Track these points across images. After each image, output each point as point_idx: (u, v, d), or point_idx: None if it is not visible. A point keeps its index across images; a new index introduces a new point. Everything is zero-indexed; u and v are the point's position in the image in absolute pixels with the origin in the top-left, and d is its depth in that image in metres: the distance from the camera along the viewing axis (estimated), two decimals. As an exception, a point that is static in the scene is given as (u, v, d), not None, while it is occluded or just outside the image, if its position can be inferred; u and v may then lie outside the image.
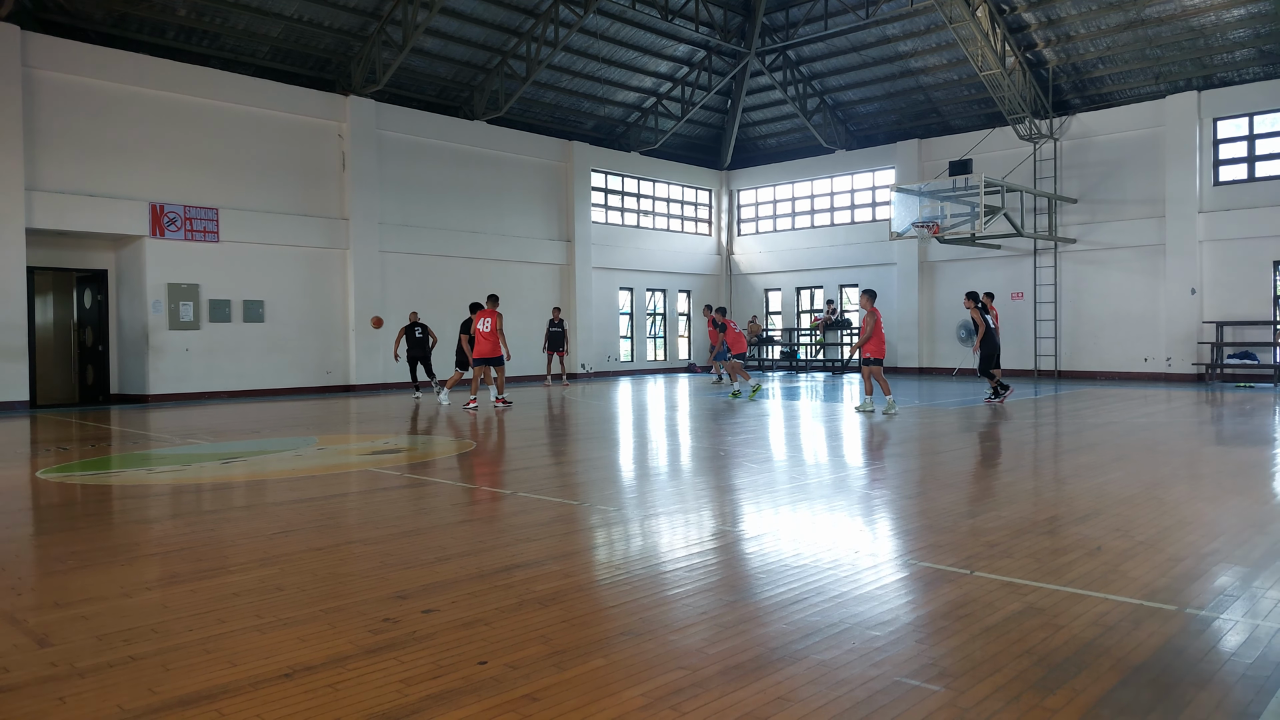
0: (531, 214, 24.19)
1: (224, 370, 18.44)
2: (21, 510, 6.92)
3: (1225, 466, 8.35)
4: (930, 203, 20.43)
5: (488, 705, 3.00)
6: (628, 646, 3.58)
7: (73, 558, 5.14)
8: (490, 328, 14.99)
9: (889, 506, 6.51)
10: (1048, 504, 6.52)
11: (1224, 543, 5.16)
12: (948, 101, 24.46)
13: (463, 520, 6.22)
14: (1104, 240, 21.88)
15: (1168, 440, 10.12)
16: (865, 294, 13.83)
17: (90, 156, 16.64)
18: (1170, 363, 20.81)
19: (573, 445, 10.71)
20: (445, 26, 20.29)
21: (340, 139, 20.07)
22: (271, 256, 19.07)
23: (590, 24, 21.94)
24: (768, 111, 28.04)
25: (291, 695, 3.11)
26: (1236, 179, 20.31)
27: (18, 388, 15.86)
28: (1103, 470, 7.92)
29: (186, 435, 11.71)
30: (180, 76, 17.62)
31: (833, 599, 4.15)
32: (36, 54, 15.87)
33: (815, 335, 27.38)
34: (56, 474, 8.45)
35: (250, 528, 5.98)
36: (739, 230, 30.13)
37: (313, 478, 8.09)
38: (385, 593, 4.34)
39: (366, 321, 20.18)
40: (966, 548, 5.09)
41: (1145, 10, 19.48)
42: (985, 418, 12.90)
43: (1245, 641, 3.56)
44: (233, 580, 4.61)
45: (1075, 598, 4.11)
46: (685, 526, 5.87)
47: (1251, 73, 20.01)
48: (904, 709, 2.94)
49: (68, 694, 3.15)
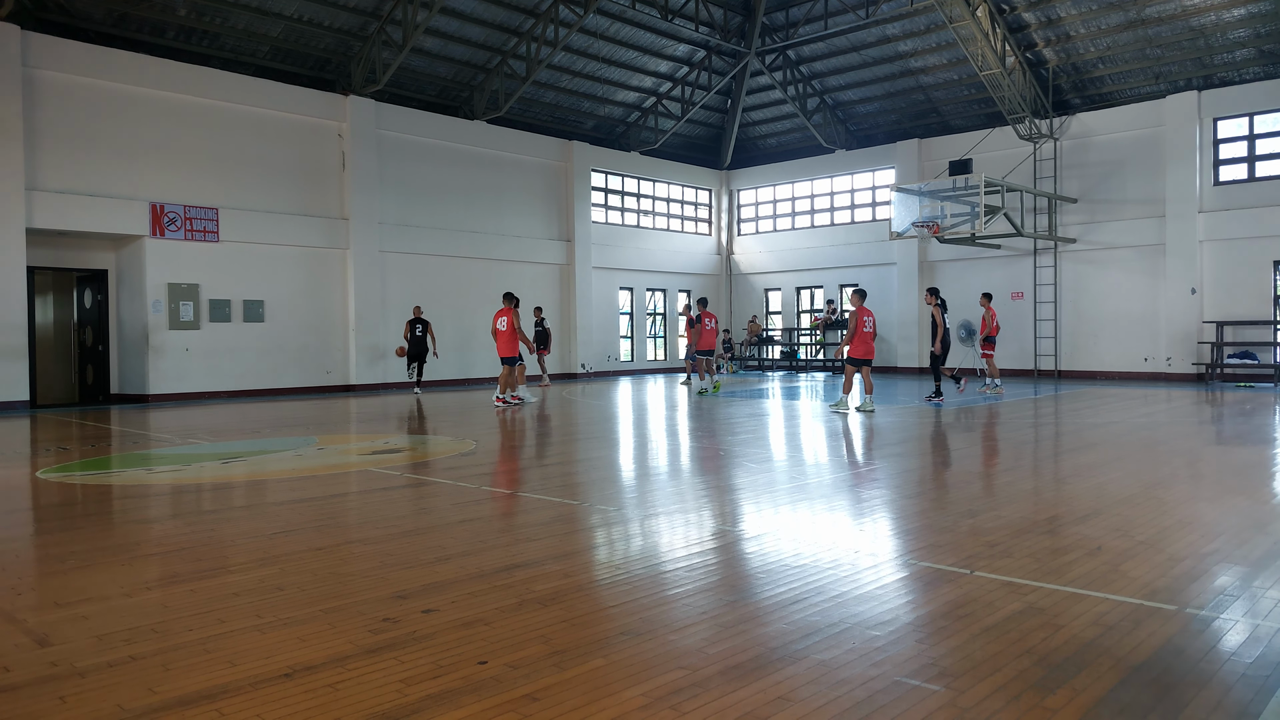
0: (531, 214, 24.19)
1: (224, 370, 18.43)
2: (22, 510, 6.92)
3: (1225, 466, 8.35)
4: (930, 202, 20.43)
5: (488, 705, 3.00)
6: (628, 646, 3.58)
7: (73, 558, 5.14)
8: (507, 326, 15.05)
9: (889, 506, 6.51)
10: (1048, 504, 6.52)
11: (1224, 542, 5.16)
12: (948, 101, 24.46)
13: (463, 520, 6.22)
14: (1104, 240, 21.88)
15: (1168, 440, 10.12)
16: (855, 293, 13.90)
17: (90, 156, 16.64)
18: (1170, 362, 20.81)
19: (573, 445, 10.71)
20: (445, 26, 20.29)
21: (340, 139, 20.07)
22: (271, 256, 19.07)
23: (590, 24, 21.93)
24: (768, 111, 28.04)
25: (291, 695, 3.11)
26: (1237, 179, 20.31)
27: (18, 387, 15.86)
28: (1103, 470, 7.92)
29: (186, 435, 11.71)
30: (180, 76, 17.62)
31: (833, 599, 4.15)
32: (36, 54, 15.87)
33: (815, 335, 27.39)
34: (56, 474, 8.45)
35: (250, 527, 5.98)
36: (739, 230, 30.13)
37: (313, 477, 8.09)
38: (385, 592, 4.34)
39: (367, 320, 20.19)
40: (966, 547, 5.09)
41: (1145, 10, 19.48)
42: (934, 417, 12.89)
43: (1245, 641, 3.56)
44: (233, 580, 4.61)
45: (1075, 597, 4.12)
46: (685, 526, 5.87)
47: (1252, 72, 20.01)
48: (904, 709, 2.94)
49: (68, 693, 3.15)
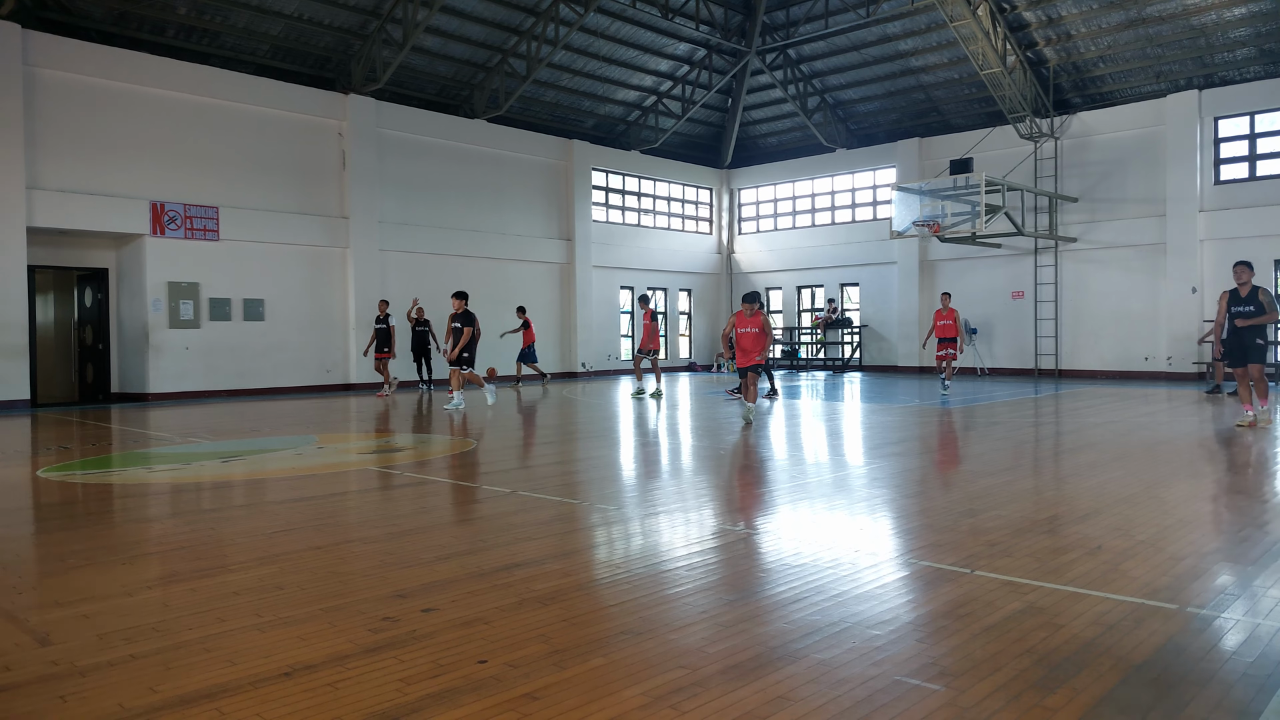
0: (532, 213, 24.19)
1: (224, 369, 18.43)
2: (22, 509, 6.92)
3: (1226, 465, 8.35)
4: (931, 201, 20.43)
5: (488, 704, 3.00)
6: (628, 645, 3.57)
7: (73, 556, 5.14)
8: None
9: (889, 505, 6.51)
10: (1048, 503, 6.52)
11: (1225, 541, 5.15)
12: (948, 100, 24.45)
13: (462, 519, 6.22)
14: (1104, 239, 21.87)
15: (1168, 439, 10.11)
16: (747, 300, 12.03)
17: (90, 155, 16.63)
18: (1171, 362, 20.81)
19: (573, 445, 10.71)
20: (446, 25, 20.28)
21: (340, 137, 20.06)
22: (271, 255, 19.07)
23: (591, 22, 21.92)
24: (768, 110, 28.03)
25: (291, 694, 3.11)
26: (1237, 178, 20.31)
27: (18, 386, 15.86)
28: (1103, 469, 7.91)
29: (186, 434, 11.70)
30: (180, 75, 17.61)
31: (833, 598, 4.15)
32: (37, 52, 15.86)
33: (816, 334, 27.40)
34: (57, 473, 8.45)
35: (250, 526, 5.98)
36: (739, 229, 30.12)
37: (313, 476, 8.09)
38: (385, 591, 4.34)
39: (367, 320, 20.15)
40: (967, 547, 5.09)
41: (1146, 9, 19.47)
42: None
43: (1246, 640, 3.56)
44: (233, 579, 4.61)
45: (1076, 597, 4.11)
46: (685, 525, 5.87)
47: (1252, 71, 20.00)
48: (904, 708, 2.94)
49: (69, 693, 3.15)
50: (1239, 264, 10.94)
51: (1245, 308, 10.83)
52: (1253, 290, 10.79)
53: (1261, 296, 10.78)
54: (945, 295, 17.48)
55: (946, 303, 17.17)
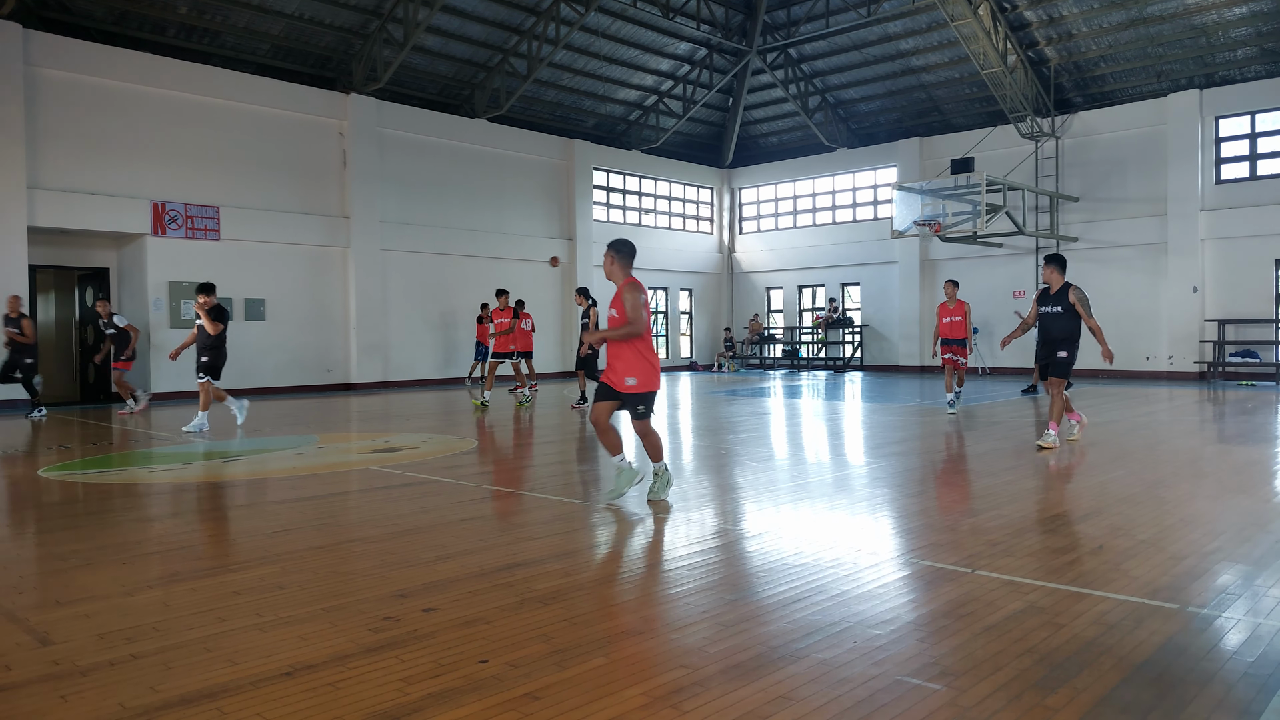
0: (533, 212, 24.18)
1: (225, 368, 18.35)
2: (23, 508, 6.92)
3: (1227, 465, 8.34)
4: (932, 201, 20.42)
5: (489, 704, 3.00)
6: (629, 645, 3.57)
7: (74, 556, 5.14)
8: (529, 327, 17.00)
9: (890, 505, 6.50)
10: (1049, 503, 6.52)
11: (1226, 541, 5.15)
12: (949, 100, 24.43)
13: (463, 519, 6.22)
14: (1105, 239, 21.86)
15: (1169, 439, 10.11)
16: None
17: (91, 154, 16.63)
18: (1172, 361, 20.79)
19: (574, 444, 10.70)
20: (446, 24, 20.28)
21: (341, 137, 20.06)
22: (272, 254, 19.07)
23: (591, 22, 21.91)
24: (769, 110, 28.02)
25: (292, 694, 3.11)
26: (1238, 177, 20.28)
27: (19, 385, 15.81)
28: (1104, 469, 7.91)
29: (187, 433, 11.70)
30: (181, 74, 17.61)
31: (834, 597, 4.15)
32: (38, 52, 15.86)
33: (817, 334, 27.39)
34: (58, 472, 8.46)
35: (251, 526, 5.98)
36: (740, 228, 30.12)
37: (313, 476, 8.09)
38: (386, 591, 4.34)
39: (368, 318, 20.19)
40: (967, 546, 5.09)
41: (1147, 9, 19.45)
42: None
43: (1247, 640, 3.55)
44: (233, 579, 4.61)
45: (1077, 596, 4.11)
46: (686, 525, 5.87)
47: (1253, 71, 19.98)
48: (905, 708, 2.93)
49: (69, 692, 3.15)
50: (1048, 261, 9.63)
51: (1053, 308, 9.46)
52: (1063, 288, 9.37)
53: (1072, 296, 9.32)
54: (952, 284, 14.03)
55: (953, 294, 13.86)
